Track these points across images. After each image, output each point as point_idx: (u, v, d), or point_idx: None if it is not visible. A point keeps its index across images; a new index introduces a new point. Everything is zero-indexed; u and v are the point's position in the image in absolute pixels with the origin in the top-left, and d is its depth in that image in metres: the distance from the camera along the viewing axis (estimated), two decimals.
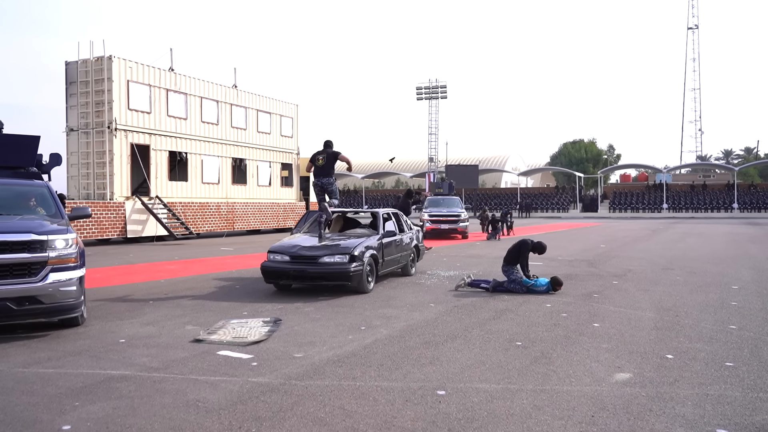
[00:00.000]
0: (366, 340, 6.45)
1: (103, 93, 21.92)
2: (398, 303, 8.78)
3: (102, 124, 21.95)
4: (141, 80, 23.08)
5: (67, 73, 22.90)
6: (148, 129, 23.29)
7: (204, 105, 25.73)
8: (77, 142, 22.60)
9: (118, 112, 21.98)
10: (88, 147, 22.38)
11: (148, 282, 11.15)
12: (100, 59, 22.08)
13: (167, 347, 6.13)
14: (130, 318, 7.69)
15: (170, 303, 8.81)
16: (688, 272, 12.37)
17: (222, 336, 6.57)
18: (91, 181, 22.33)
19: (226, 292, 9.90)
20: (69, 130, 22.88)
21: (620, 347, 6.06)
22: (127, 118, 22.44)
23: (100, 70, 22.01)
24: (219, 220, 26.21)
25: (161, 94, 23.78)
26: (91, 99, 22.10)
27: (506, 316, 7.75)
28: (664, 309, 8.18)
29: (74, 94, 22.54)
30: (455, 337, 6.54)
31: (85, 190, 22.49)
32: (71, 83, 22.70)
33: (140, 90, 22.90)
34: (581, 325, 7.18)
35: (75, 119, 22.56)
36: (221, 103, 26.74)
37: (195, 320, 7.53)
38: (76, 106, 22.47)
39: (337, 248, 9.43)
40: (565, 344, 6.20)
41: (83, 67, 22.36)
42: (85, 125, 22.33)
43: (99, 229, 21.08)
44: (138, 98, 22.76)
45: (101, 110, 21.92)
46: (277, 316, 7.70)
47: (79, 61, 22.47)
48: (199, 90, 25.60)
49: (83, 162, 22.50)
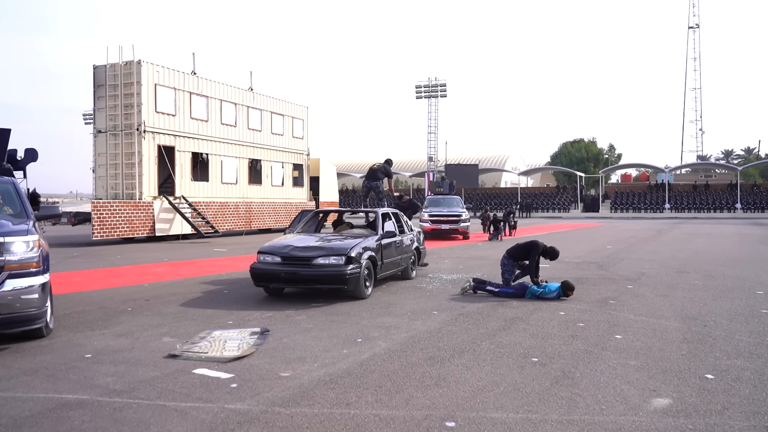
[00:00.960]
0: (362, 354, 5.73)
1: (131, 96, 22.36)
2: (398, 310, 8.06)
3: (131, 126, 22.45)
4: (167, 84, 23.55)
5: (95, 76, 23.24)
6: (173, 131, 23.88)
7: (223, 108, 26.45)
8: (105, 143, 23.04)
9: (146, 115, 22.49)
10: (116, 148, 22.88)
11: (130, 286, 10.43)
12: (129, 63, 22.52)
13: (137, 364, 5.41)
14: (102, 328, 6.97)
15: (150, 310, 8.09)
16: (705, 276, 11.67)
17: (201, 350, 5.85)
18: (119, 182, 22.83)
19: (213, 297, 9.18)
20: (97, 132, 23.40)
21: (650, 364, 5.35)
22: (155, 121, 22.97)
23: (129, 74, 22.46)
24: (237, 219, 26.95)
25: (185, 97, 24.40)
26: (120, 102, 22.58)
27: (517, 326, 7.03)
28: (689, 318, 7.47)
29: (102, 97, 22.95)
30: (463, 352, 5.83)
31: (113, 190, 22.99)
32: (99, 86, 23.08)
33: (166, 93, 23.45)
34: (602, 336, 6.46)
35: (103, 121, 23.05)
36: (239, 106, 27.37)
37: (174, 331, 6.81)
38: (104, 109, 22.90)
39: (333, 249, 8.71)
40: (588, 360, 5.48)
41: (111, 71, 22.78)
42: (113, 127, 22.85)
43: (130, 228, 21.74)
44: (164, 101, 23.33)
45: (130, 113, 22.42)
46: (265, 326, 6.98)
47: (108, 65, 22.87)
48: (218, 93, 26.20)
49: (111, 163, 22.99)
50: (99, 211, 20.73)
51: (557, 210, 64.73)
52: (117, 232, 21.17)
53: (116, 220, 21.14)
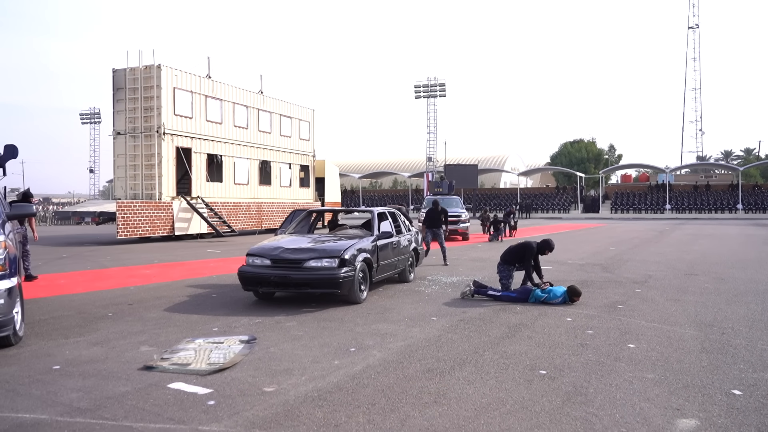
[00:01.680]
0: (355, 366, 5.27)
1: (151, 99, 22.79)
2: (395, 316, 7.60)
3: (150, 129, 22.87)
4: (184, 87, 24.04)
5: (114, 80, 23.62)
6: (190, 133, 24.38)
7: (236, 110, 26.96)
8: (124, 145, 23.43)
9: (165, 117, 22.93)
10: (136, 150, 23.28)
11: (115, 290, 9.95)
12: (149, 67, 22.93)
13: (108, 377, 4.94)
14: (77, 335, 6.50)
15: (132, 316, 7.62)
16: (715, 278, 11.21)
17: (180, 361, 5.38)
18: (139, 182, 23.22)
19: (200, 302, 8.71)
20: (116, 133, 23.75)
21: (670, 378, 4.89)
22: (173, 123, 23.43)
23: (149, 77, 22.87)
24: (249, 218, 27.49)
25: (201, 100, 24.91)
26: (140, 105, 23.00)
27: (522, 334, 6.57)
28: (705, 325, 7.01)
29: (121, 99, 23.34)
30: (464, 363, 5.36)
31: (132, 191, 23.39)
32: (118, 89, 23.46)
33: (184, 96, 23.94)
34: (614, 346, 6.00)
35: (122, 123, 23.44)
36: (250, 109, 27.86)
37: (154, 339, 6.34)
38: (124, 111, 23.32)
39: (325, 251, 8.24)
40: (601, 373, 5.02)
41: (131, 75, 23.19)
42: (132, 129, 23.29)
43: (151, 228, 22.20)
44: (182, 104, 23.82)
45: (150, 115, 22.85)
46: (251, 334, 6.51)
47: (128, 69, 23.24)
48: (231, 96, 26.65)
49: (130, 164, 23.39)
50: (123, 211, 21.21)
51: (557, 211, 64.28)
52: (139, 231, 21.67)
53: (139, 219, 21.65)
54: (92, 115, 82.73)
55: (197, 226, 24.10)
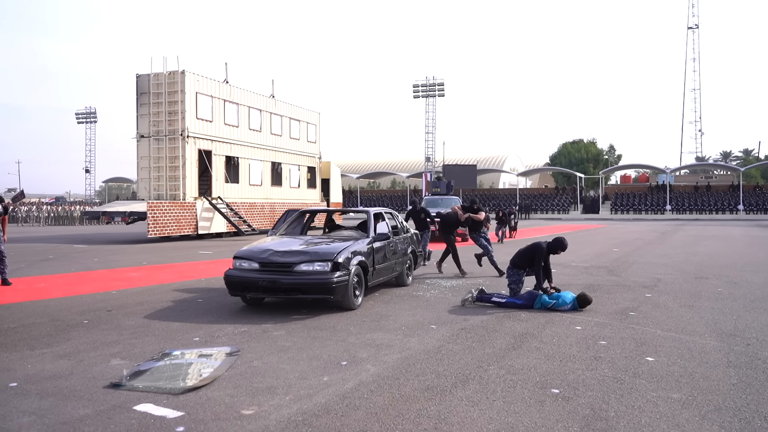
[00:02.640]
0: (346, 383, 4.74)
1: (175, 104, 23.61)
2: (391, 324, 7.07)
3: (174, 132, 23.71)
4: (206, 92, 24.81)
5: (138, 84, 24.38)
6: (211, 136, 25.17)
7: (251, 114, 27.78)
8: (148, 147, 24.17)
9: (189, 121, 23.72)
10: (160, 152, 24.00)
11: (96, 294, 9.41)
12: (173, 73, 23.72)
13: (69, 397, 4.41)
14: (45, 346, 5.96)
15: (108, 323, 7.08)
16: (728, 282, 10.69)
17: (150, 378, 4.85)
18: (163, 183, 23.98)
19: (183, 307, 8.17)
20: (139, 136, 24.50)
21: (698, 398, 4.36)
22: (195, 126, 24.19)
23: (173, 83, 23.68)
24: (263, 218, 28.15)
25: (220, 104, 25.71)
26: (164, 109, 23.77)
27: (529, 344, 6.04)
28: (726, 334, 6.49)
29: (145, 104, 24.11)
30: (467, 380, 4.83)
31: (156, 191, 24.11)
32: (142, 94, 24.22)
33: (205, 101, 24.72)
34: (630, 359, 5.47)
35: (146, 127, 24.22)
36: (263, 112, 28.75)
37: (128, 350, 5.81)
38: (147, 115, 24.08)
39: (317, 254, 7.70)
40: (620, 393, 4.49)
41: (155, 80, 23.89)
42: (156, 132, 24.02)
43: (177, 227, 22.99)
44: (203, 108, 24.61)
45: (174, 119, 23.69)
46: (234, 345, 5.98)
47: (152, 74, 24.00)
48: (247, 100, 27.44)
49: (154, 166, 24.13)
50: (153, 211, 21.92)
51: (556, 211, 63.78)
52: (167, 230, 22.48)
53: (167, 219, 22.48)
54: (88, 115, 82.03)
55: (218, 225, 24.99)
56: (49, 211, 44.02)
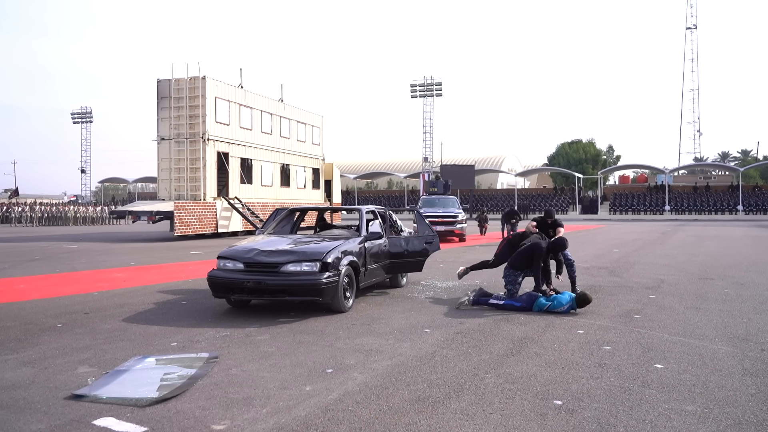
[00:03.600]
0: (330, 394, 4.35)
1: (196, 108, 24.50)
2: (383, 327, 6.68)
3: (195, 135, 24.57)
4: (224, 97, 25.71)
5: (158, 89, 25.20)
6: (228, 139, 26.07)
7: (263, 118, 28.76)
8: (168, 149, 24.98)
9: (209, 125, 24.64)
10: (180, 154, 24.85)
11: (76, 295, 9.00)
12: (194, 79, 24.58)
13: (24, 409, 4.01)
14: (10, 352, 5.56)
15: (83, 327, 6.68)
16: (734, 283, 10.32)
17: (117, 388, 4.45)
18: (183, 184, 24.82)
19: (165, 310, 7.77)
20: (160, 139, 25.30)
21: (714, 410, 3.98)
22: (215, 130, 25.06)
23: (194, 88, 24.55)
24: None
25: (236, 108, 26.63)
26: (185, 113, 24.61)
27: (528, 350, 5.66)
28: (738, 339, 6.11)
29: (166, 107, 24.94)
30: (462, 389, 4.45)
31: (176, 192, 24.89)
32: (162, 98, 25.04)
33: (223, 105, 25.66)
34: (638, 366, 5.09)
35: (166, 130, 25.03)
36: (273, 116, 29.68)
37: (98, 356, 5.41)
38: (168, 119, 24.90)
39: (305, 253, 7.31)
40: (628, 404, 4.11)
41: (176, 85, 24.78)
42: (177, 135, 24.84)
43: (200, 225, 23.88)
44: (221, 112, 25.53)
45: (195, 122, 24.56)
46: (213, 351, 5.58)
47: (173, 79, 24.84)
48: (259, 104, 28.36)
49: (174, 167, 24.95)
50: (179, 211, 22.87)
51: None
52: (192, 228, 23.34)
53: (191, 218, 23.43)
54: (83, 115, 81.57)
55: (236, 224, 25.94)
56: (42, 211, 43.50)
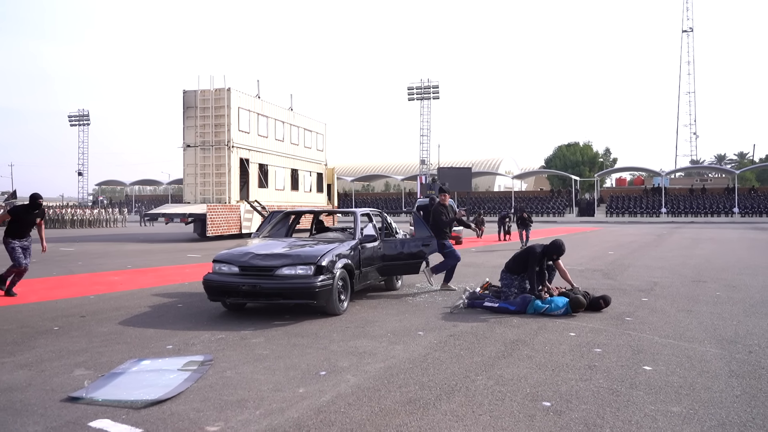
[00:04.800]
0: (323, 395, 4.41)
1: (222, 117, 26.22)
2: (377, 330, 6.75)
3: (220, 143, 26.30)
4: (245, 107, 27.41)
5: (184, 99, 26.95)
6: (248, 146, 27.73)
7: (276, 126, 30.43)
8: (194, 156, 26.77)
9: (233, 133, 26.30)
10: (206, 160, 26.62)
11: (72, 299, 9.05)
12: (220, 90, 26.32)
13: (21, 412, 4.07)
14: (6, 355, 5.61)
15: (80, 330, 6.74)
16: (726, 286, 10.41)
17: (113, 390, 4.51)
18: (208, 188, 26.59)
19: (161, 313, 7.83)
20: (186, 146, 27.10)
21: (700, 412, 4.06)
22: (238, 138, 26.71)
23: (219, 98, 26.28)
24: None
25: (255, 117, 28.38)
26: (211, 122, 26.33)
27: (520, 353, 5.73)
28: (726, 341, 6.19)
29: (192, 117, 26.66)
30: (453, 391, 4.52)
31: (201, 195, 26.66)
32: (188, 108, 26.78)
33: (244, 115, 27.41)
34: (627, 368, 5.16)
35: (192, 137, 26.77)
36: (285, 124, 31.36)
37: (95, 359, 5.47)
38: (193, 127, 26.63)
39: (300, 257, 7.38)
40: (616, 406, 4.18)
41: (202, 96, 26.53)
42: (202, 143, 26.60)
43: (228, 227, 25.61)
44: (243, 121, 27.24)
45: (220, 131, 26.26)
46: (208, 353, 5.64)
47: (198, 90, 26.65)
48: (273, 113, 30.06)
49: (200, 173, 26.74)
50: (212, 213, 24.74)
51: (552, 214, 63.58)
52: (221, 229, 25.05)
53: (221, 219, 25.20)
54: (81, 118, 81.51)
55: (256, 225, 27.24)
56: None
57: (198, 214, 25.27)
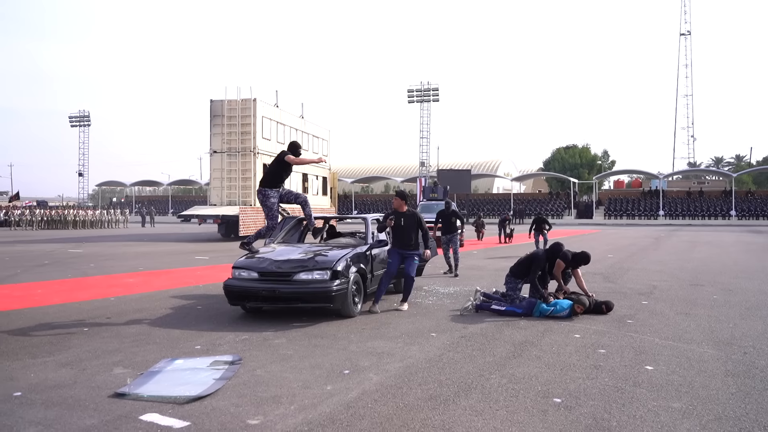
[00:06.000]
0: (350, 392, 4.77)
1: (248, 126, 28.12)
2: (391, 332, 7.11)
3: (246, 149, 28.28)
4: (267, 116, 29.32)
5: (211, 108, 28.85)
6: (270, 152, 28.84)
7: (291, 133, 31.81)
8: (220, 161, 28.73)
9: (258, 140, 28.26)
10: (231, 165, 28.54)
11: (93, 300, 9.40)
12: (246, 100, 28.34)
13: (74, 407, 4.42)
14: (46, 355, 5.96)
15: (108, 331, 7.09)
16: (723, 289, 10.79)
17: (155, 387, 4.86)
18: (234, 191, 28.54)
19: (183, 315, 8.18)
20: (212, 151, 29.06)
21: (698, 408, 4.42)
22: (262, 145, 28.59)
23: (246, 108, 28.24)
24: None
25: (274, 125, 30.29)
26: (237, 130, 28.28)
27: (529, 353, 6.10)
28: (723, 343, 6.56)
29: (218, 125, 28.57)
30: (470, 389, 4.88)
31: (227, 198, 28.58)
32: (215, 116, 28.66)
33: (267, 123, 29.36)
34: (629, 367, 5.53)
35: (218, 144, 28.69)
36: (297, 131, 32.95)
37: (130, 359, 5.82)
38: (220, 134, 28.54)
39: (316, 262, 7.73)
40: (621, 402, 4.55)
41: (229, 105, 28.44)
42: (228, 149, 28.48)
43: (255, 227, 26.12)
44: (266, 129, 29.24)
45: (246, 138, 28.21)
46: (236, 353, 6.00)
47: (225, 100, 28.57)
48: (289, 121, 31.91)
49: (226, 177, 28.70)
50: (244, 215, 26.89)
51: (551, 216, 63.90)
52: (251, 229, 26.03)
53: (250, 221, 27.05)
54: (81, 118, 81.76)
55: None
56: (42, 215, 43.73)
57: (231, 215, 27.03)
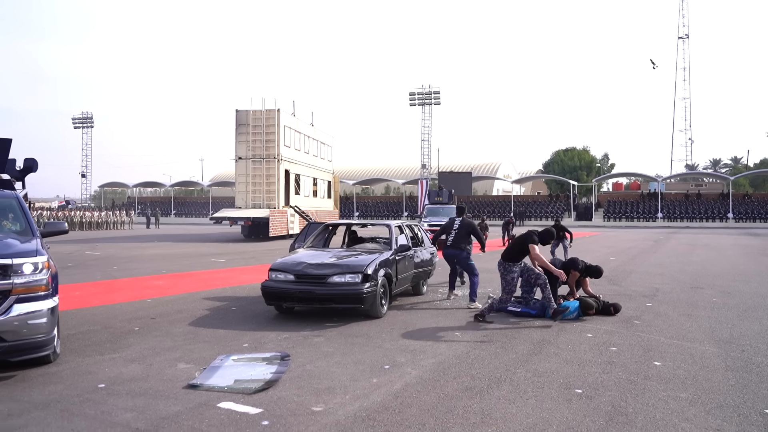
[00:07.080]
0: (394, 384, 5.40)
1: (273, 134, 30.53)
2: (419, 332, 7.74)
3: (270, 156, 30.68)
4: (288, 125, 31.60)
5: (237, 117, 31.22)
6: (289, 159, 32.07)
7: (304, 140, 34.69)
8: (245, 167, 31.15)
9: (281, 148, 30.54)
10: (256, 171, 30.96)
11: (132, 302, 10.02)
12: (270, 111, 30.67)
13: (156, 396, 5.04)
14: (111, 352, 6.58)
15: (158, 330, 7.71)
16: (721, 292, 11.45)
17: (221, 380, 5.49)
18: (258, 195, 30.87)
19: (221, 315, 8.80)
20: (237, 158, 31.37)
21: (702, 397, 5.06)
22: (284, 152, 30.97)
23: (270, 118, 30.58)
24: None
25: (293, 133, 32.62)
26: (262, 138, 30.63)
27: (548, 350, 6.73)
28: (723, 341, 7.21)
29: (243, 133, 30.94)
30: (500, 381, 5.51)
31: (252, 201, 30.83)
32: (240, 125, 31.05)
33: (287, 132, 31.61)
34: (640, 363, 6.17)
35: (243, 151, 31.04)
36: (309, 138, 35.65)
37: (188, 356, 6.44)
38: (245, 142, 30.92)
39: (349, 266, 8.37)
40: (635, 392, 5.19)
41: (253, 115, 30.85)
42: (252, 156, 30.86)
43: (281, 228, 29.98)
44: (288, 138, 31.58)
45: (270, 146, 30.58)
46: (283, 350, 6.63)
47: (250, 110, 30.99)
48: (303, 129, 34.33)
49: (251, 182, 30.99)
50: (273, 216, 29.15)
51: (550, 218, 64.62)
52: (278, 230, 29.46)
53: (278, 222, 29.69)
54: (84, 120, 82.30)
55: (296, 227, 31.18)
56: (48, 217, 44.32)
57: (261, 218, 29.06)
